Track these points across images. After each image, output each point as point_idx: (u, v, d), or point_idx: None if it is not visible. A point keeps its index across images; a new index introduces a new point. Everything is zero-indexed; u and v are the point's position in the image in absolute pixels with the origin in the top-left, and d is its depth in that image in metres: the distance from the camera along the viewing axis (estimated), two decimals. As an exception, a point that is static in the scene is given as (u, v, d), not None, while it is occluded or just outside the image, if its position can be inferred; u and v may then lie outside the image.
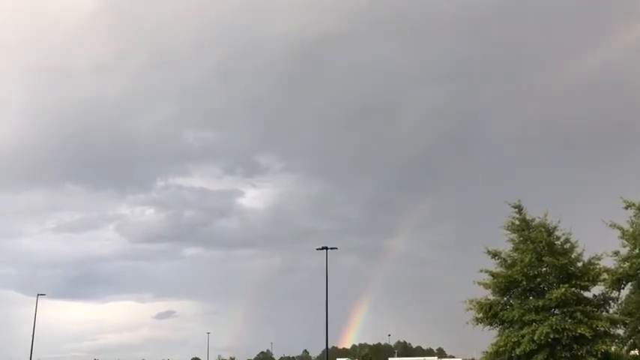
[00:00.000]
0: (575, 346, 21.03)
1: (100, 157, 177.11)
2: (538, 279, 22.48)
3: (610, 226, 22.83)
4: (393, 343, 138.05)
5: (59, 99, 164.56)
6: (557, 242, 22.99)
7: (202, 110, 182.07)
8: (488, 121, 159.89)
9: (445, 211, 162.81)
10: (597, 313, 21.95)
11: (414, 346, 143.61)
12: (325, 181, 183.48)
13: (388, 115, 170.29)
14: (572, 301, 21.61)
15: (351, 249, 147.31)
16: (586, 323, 20.97)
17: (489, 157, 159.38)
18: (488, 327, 23.41)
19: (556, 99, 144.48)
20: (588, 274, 22.30)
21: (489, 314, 23.02)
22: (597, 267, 22.52)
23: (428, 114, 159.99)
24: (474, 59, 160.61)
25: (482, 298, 23.42)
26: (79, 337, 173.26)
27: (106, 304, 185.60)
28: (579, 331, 20.74)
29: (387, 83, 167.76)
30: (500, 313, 22.85)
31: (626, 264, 22.38)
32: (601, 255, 22.73)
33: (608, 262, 22.85)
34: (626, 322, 22.27)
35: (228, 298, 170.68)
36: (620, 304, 22.99)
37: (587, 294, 22.88)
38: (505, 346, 21.86)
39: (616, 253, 22.67)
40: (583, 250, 22.87)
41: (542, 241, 22.46)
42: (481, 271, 23.71)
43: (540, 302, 21.87)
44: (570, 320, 21.28)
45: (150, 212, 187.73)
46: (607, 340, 21.70)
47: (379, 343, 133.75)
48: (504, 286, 23.00)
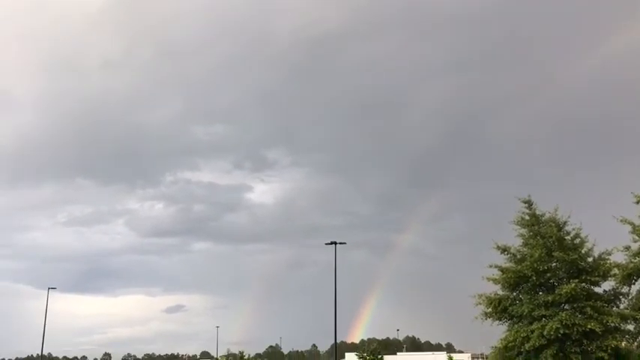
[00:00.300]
0: (585, 341, 20.99)
1: (109, 152, 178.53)
2: (548, 274, 22.42)
3: (621, 221, 22.67)
4: (401, 338, 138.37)
5: (69, 94, 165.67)
6: (568, 237, 22.91)
7: (211, 105, 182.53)
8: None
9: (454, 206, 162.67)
10: (607, 309, 21.87)
11: (422, 341, 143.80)
12: (334, 175, 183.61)
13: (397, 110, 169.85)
14: (582, 297, 21.54)
15: (360, 244, 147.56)
16: (596, 319, 20.90)
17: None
18: (497, 322, 23.42)
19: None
20: (599, 270, 22.21)
21: (498, 309, 23.00)
22: (608, 262, 22.43)
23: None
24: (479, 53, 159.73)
25: (491, 293, 23.40)
26: (89, 331, 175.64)
27: (116, 297, 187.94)
28: (589, 326, 20.69)
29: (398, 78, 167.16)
30: (510, 308, 22.83)
31: (636, 259, 22.20)
32: (611, 250, 22.64)
33: (619, 258, 22.74)
34: (637, 317, 22.10)
35: (237, 293, 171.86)
36: (631, 299, 22.82)
37: (597, 289, 22.82)
38: (514, 341, 21.85)
39: (627, 248, 22.51)
40: (593, 245, 22.86)
41: (552, 236, 22.40)
42: (490, 266, 23.71)
43: (550, 297, 21.82)
44: (580, 316, 21.22)
45: (159, 207, 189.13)
46: (617, 335, 21.62)
47: (388, 338, 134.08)
48: (514, 281, 22.96)
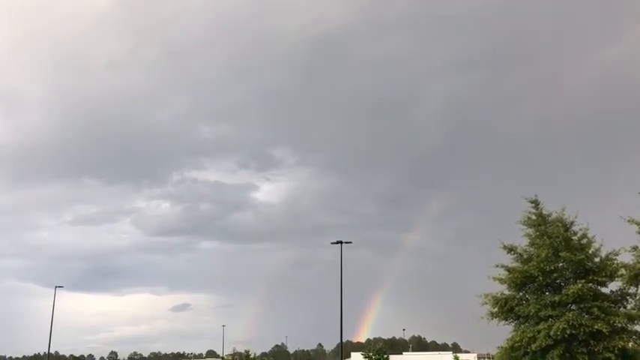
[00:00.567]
0: (591, 341, 20.89)
1: (116, 152, 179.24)
2: (554, 274, 22.34)
3: (628, 221, 22.55)
4: (407, 338, 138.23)
5: (76, 94, 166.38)
6: (575, 237, 22.81)
7: (217, 104, 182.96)
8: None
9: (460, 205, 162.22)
10: (614, 309, 21.71)
11: (428, 341, 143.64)
12: (340, 175, 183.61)
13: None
14: (589, 297, 21.44)
15: (366, 243, 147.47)
16: (603, 319, 20.79)
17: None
18: (504, 322, 23.34)
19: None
20: (606, 270, 22.08)
21: (505, 309, 22.94)
22: (615, 262, 22.28)
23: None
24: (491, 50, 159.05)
25: (497, 293, 23.34)
26: (95, 329, 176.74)
27: (122, 296, 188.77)
28: (596, 326, 20.59)
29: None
30: (516, 308, 22.76)
31: (644, 259, 22.08)
32: (619, 250, 22.51)
33: (626, 258, 22.61)
34: (644, 318, 22.02)
35: (243, 291, 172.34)
36: (638, 300, 22.66)
37: (604, 290, 22.67)
38: (521, 341, 21.76)
39: (634, 249, 22.38)
40: (600, 245, 22.72)
41: (559, 236, 22.31)
42: (497, 266, 23.65)
43: (557, 298, 21.74)
44: (587, 316, 21.12)
45: (165, 206, 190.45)
46: (624, 336, 21.47)
47: (394, 338, 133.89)
48: (520, 281, 22.88)
